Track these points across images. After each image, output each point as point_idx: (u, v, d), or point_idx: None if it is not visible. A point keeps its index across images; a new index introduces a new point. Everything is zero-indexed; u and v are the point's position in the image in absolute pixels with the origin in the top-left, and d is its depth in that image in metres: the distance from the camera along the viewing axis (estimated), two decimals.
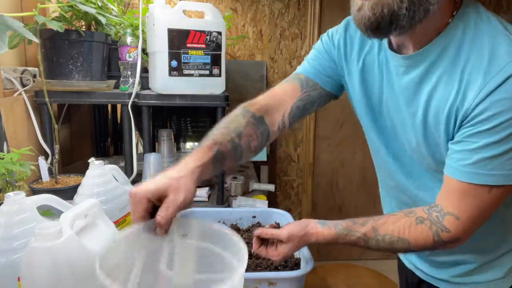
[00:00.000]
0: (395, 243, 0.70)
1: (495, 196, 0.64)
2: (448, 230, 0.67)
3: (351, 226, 0.73)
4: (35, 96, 1.21)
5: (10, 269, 0.57)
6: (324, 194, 2.61)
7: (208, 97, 1.27)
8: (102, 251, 0.48)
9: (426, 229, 0.68)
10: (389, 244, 0.70)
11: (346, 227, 0.73)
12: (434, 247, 0.69)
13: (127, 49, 1.28)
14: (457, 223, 0.66)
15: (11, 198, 0.60)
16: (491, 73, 0.59)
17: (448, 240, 0.67)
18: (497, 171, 0.62)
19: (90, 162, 0.82)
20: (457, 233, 0.67)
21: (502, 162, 0.61)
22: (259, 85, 2.35)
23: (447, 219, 0.67)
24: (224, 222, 1.03)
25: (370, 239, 0.71)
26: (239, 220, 1.04)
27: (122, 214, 0.84)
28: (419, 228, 0.69)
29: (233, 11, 2.32)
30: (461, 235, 0.67)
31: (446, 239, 0.67)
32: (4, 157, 0.82)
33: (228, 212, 1.04)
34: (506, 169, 0.62)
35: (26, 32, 0.84)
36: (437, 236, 0.67)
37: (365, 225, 0.72)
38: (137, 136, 1.62)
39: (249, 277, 0.73)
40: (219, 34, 1.24)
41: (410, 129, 0.72)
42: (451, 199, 0.67)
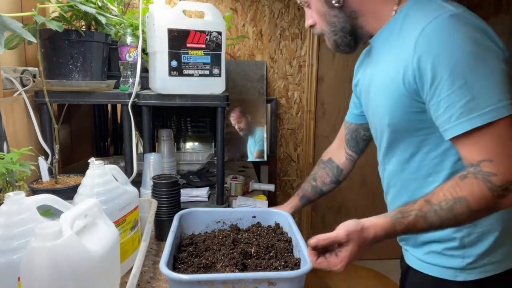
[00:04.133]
0: (455, 207, 0.68)
1: (501, 129, 0.67)
2: (494, 173, 0.67)
3: (403, 208, 0.72)
4: (35, 96, 1.21)
5: (10, 269, 0.57)
6: None
7: (208, 97, 1.27)
8: None
9: (473, 180, 0.68)
10: (449, 211, 0.68)
11: (399, 211, 0.71)
12: (495, 199, 0.67)
13: (127, 49, 1.28)
14: (494, 164, 0.67)
15: (11, 198, 0.60)
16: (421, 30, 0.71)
17: (501, 184, 0.66)
18: (487, 108, 0.67)
19: (90, 162, 0.82)
20: (503, 172, 0.67)
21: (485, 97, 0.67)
22: (259, 85, 2.36)
23: (483, 166, 0.68)
24: (224, 222, 1.03)
25: (428, 213, 0.69)
26: (239, 220, 1.04)
27: (122, 214, 0.84)
28: (467, 182, 0.68)
29: (233, 11, 2.32)
30: (508, 174, 0.67)
31: (499, 183, 0.66)
32: (4, 157, 0.82)
33: (228, 212, 1.04)
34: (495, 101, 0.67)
35: (24, 32, 0.84)
36: (489, 183, 0.67)
37: (416, 203, 0.71)
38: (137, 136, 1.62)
39: (249, 277, 0.73)
40: (219, 34, 1.24)
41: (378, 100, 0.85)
42: (472, 154, 0.69)
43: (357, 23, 0.86)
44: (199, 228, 1.01)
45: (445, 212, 0.68)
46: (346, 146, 1.13)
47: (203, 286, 0.71)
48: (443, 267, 0.84)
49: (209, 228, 1.02)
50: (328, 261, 0.71)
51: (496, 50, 0.71)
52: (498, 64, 0.69)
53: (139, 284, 0.86)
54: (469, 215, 0.68)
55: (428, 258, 0.87)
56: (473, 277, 0.82)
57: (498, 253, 0.82)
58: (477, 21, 0.72)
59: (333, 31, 0.87)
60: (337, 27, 0.86)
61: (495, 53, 0.70)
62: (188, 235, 0.98)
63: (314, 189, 1.16)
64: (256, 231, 0.99)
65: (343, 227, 0.70)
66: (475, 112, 0.67)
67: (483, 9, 2.49)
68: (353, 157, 1.13)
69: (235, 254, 0.84)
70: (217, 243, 0.90)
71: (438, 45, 0.69)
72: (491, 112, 0.67)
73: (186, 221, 0.99)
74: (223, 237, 0.93)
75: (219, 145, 1.30)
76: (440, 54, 0.69)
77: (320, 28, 0.91)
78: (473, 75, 0.68)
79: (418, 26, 0.72)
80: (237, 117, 2.32)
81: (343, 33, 0.86)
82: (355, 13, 0.84)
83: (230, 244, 0.89)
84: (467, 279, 0.82)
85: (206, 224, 1.02)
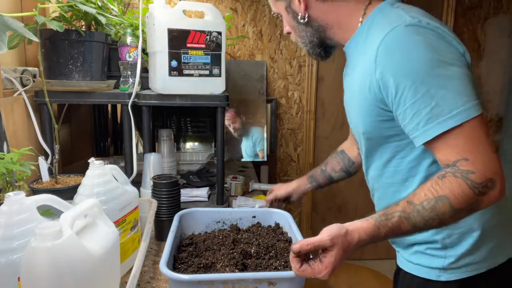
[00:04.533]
0: (437, 206, 0.67)
1: (472, 129, 0.68)
2: (472, 171, 0.67)
3: (386, 211, 0.71)
4: (35, 96, 1.21)
5: (10, 269, 0.57)
6: (324, 194, 2.61)
7: (208, 97, 1.27)
8: None
9: (453, 179, 0.68)
10: (431, 210, 0.68)
11: (383, 213, 0.71)
12: (476, 197, 0.67)
13: (127, 49, 1.28)
14: (470, 162, 0.67)
15: (11, 198, 0.60)
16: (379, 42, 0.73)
17: (481, 181, 0.66)
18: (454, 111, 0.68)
19: (90, 162, 0.82)
20: (481, 170, 0.67)
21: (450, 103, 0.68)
22: (259, 85, 2.36)
23: (460, 165, 0.68)
24: (224, 222, 1.03)
25: (411, 213, 0.69)
26: (239, 220, 1.04)
27: (122, 214, 0.84)
28: (446, 181, 0.68)
29: (233, 11, 2.32)
30: (488, 173, 0.67)
31: (479, 180, 0.66)
32: (4, 157, 0.82)
33: (228, 212, 1.04)
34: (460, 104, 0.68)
35: (26, 32, 0.84)
36: (468, 180, 0.67)
37: (399, 204, 0.71)
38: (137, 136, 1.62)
39: (249, 277, 0.73)
40: (219, 34, 1.24)
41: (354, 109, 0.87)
42: (446, 156, 0.70)
43: (325, 36, 0.90)
44: (199, 228, 1.01)
45: (428, 212, 0.68)
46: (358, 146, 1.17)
47: (203, 286, 0.71)
48: (427, 267, 0.85)
49: (209, 228, 1.02)
50: (312, 268, 0.68)
51: (456, 54, 0.72)
52: (459, 67, 0.70)
53: (139, 284, 0.86)
54: (453, 214, 0.68)
55: (415, 259, 0.87)
56: (455, 277, 0.82)
57: (480, 252, 0.82)
58: (435, 28, 0.73)
59: (303, 43, 0.94)
60: (306, 39, 0.92)
61: (455, 57, 0.71)
62: (188, 235, 0.98)
63: (323, 172, 1.19)
64: (256, 231, 0.99)
65: (326, 232, 0.68)
66: (442, 116, 0.68)
67: (483, 9, 2.49)
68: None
69: (235, 254, 0.84)
70: (217, 243, 0.90)
71: (396, 56, 0.71)
72: (458, 115, 0.68)
73: (186, 221, 0.99)
74: (223, 237, 0.93)
75: (219, 145, 1.30)
76: (400, 65, 0.71)
77: (294, 38, 0.97)
78: (435, 81, 0.69)
79: (377, 37, 0.74)
80: (232, 117, 2.31)
81: (312, 45, 0.92)
82: (322, 27, 0.89)
83: (230, 244, 0.89)
84: (450, 279, 0.82)
85: (206, 224, 1.02)
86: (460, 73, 0.70)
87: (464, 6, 2.47)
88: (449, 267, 0.83)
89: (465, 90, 0.69)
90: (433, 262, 0.84)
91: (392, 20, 0.74)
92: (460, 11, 2.46)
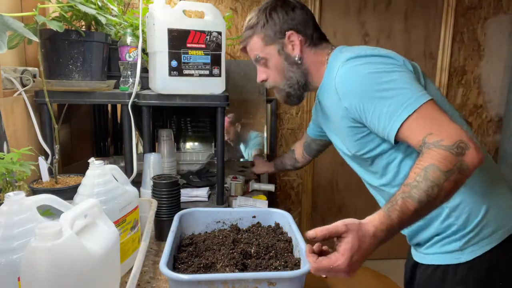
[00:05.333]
0: (428, 175, 0.71)
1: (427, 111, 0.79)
2: (440, 139, 0.74)
3: (390, 200, 0.74)
4: (35, 96, 1.21)
5: (10, 269, 0.57)
6: (324, 194, 2.61)
7: (208, 97, 1.27)
8: None
9: (429, 151, 0.74)
10: (426, 180, 0.71)
11: (387, 203, 0.73)
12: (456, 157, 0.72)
13: (127, 49, 1.28)
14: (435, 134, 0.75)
15: (11, 198, 0.60)
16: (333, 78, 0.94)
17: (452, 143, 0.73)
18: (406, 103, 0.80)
19: (90, 162, 0.82)
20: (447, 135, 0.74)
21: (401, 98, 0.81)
22: (259, 85, 2.35)
23: (428, 139, 0.76)
24: (224, 222, 1.03)
25: (411, 191, 0.71)
26: (239, 220, 1.04)
27: (122, 214, 0.84)
28: (425, 155, 0.74)
29: (233, 11, 2.31)
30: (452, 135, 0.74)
31: (450, 143, 0.73)
32: (4, 157, 0.82)
33: (228, 212, 1.04)
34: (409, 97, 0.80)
35: (26, 31, 0.84)
36: (442, 146, 0.73)
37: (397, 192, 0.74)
38: (137, 136, 1.62)
39: (249, 277, 0.73)
40: (219, 34, 1.24)
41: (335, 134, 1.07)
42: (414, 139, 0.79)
43: (307, 79, 1.06)
44: (199, 228, 1.01)
45: (424, 183, 0.71)
46: (303, 148, 1.52)
47: (203, 286, 0.71)
48: (445, 253, 0.92)
49: (209, 228, 1.02)
50: (329, 258, 0.68)
51: (393, 63, 0.87)
52: (399, 72, 0.85)
53: (139, 284, 0.86)
54: (446, 176, 0.71)
55: (433, 250, 0.95)
56: (474, 255, 0.89)
57: (491, 224, 0.90)
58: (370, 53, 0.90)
59: (289, 84, 1.07)
60: (294, 80, 1.06)
61: (392, 65, 0.86)
62: (188, 235, 0.98)
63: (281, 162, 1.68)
64: (256, 231, 0.99)
65: (340, 221, 0.70)
66: (398, 110, 0.80)
67: (483, 9, 2.49)
68: (306, 157, 1.54)
69: (235, 254, 0.84)
70: (217, 243, 0.91)
71: (348, 84, 0.89)
72: (410, 104, 0.79)
73: (186, 221, 0.99)
74: (223, 237, 0.93)
75: (219, 145, 1.30)
76: (353, 89, 0.88)
77: (273, 82, 1.09)
78: (383, 87, 0.83)
79: (332, 77, 0.94)
80: (226, 127, 2.25)
81: (298, 86, 1.06)
82: (307, 70, 1.05)
83: (230, 244, 0.90)
84: (469, 258, 0.89)
85: (206, 224, 1.02)
86: (401, 75, 0.84)
87: (464, 6, 2.47)
88: (465, 246, 0.90)
89: (409, 85, 0.82)
90: (449, 247, 0.91)
91: (338, 61, 0.93)
92: (460, 11, 2.46)
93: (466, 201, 0.90)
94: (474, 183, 0.89)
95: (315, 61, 1.05)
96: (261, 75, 1.10)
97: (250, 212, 1.05)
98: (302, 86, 1.07)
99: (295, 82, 1.06)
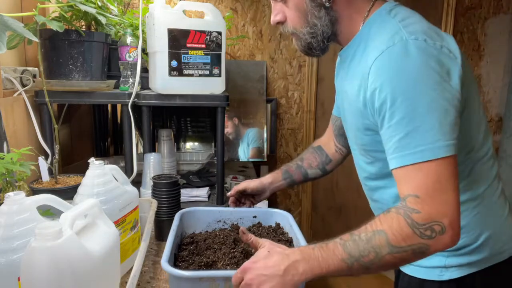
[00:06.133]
0: (373, 238, 0.65)
1: (435, 168, 0.65)
2: (417, 210, 0.64)
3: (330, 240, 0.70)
4: (35, 96, 1.21)
5: (10, 269, 0.57)
6: (324, 194, 2.61)
7: (208, 97, 1.27)
8: None
9: (394, 215, 0.66)
10: (367, 242, 0.65)
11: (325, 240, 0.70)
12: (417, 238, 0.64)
13: (127, 49, 1.28)
14: (419, 201, 0.65)
15: (11, 198, 0.60)
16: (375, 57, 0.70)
17: (423, 222, 0.64)
18: (421, 147, 0.65)
19: (90, 162, 0.82)
20: (427, 212, 0.64)
21: (422, 137, 0.65)
22: (259, 85, 2.35)
23: (408, 201, 0.66)
24: (224, 221, 1.03)
25: (347, 241, 0.67)
26: (240, 220, 1.04)
27: (122, 214, 0.84)
28: (388, 216, 0.67)
29: (233, 11, 2.32)
30: (435, 215, 0.64)
31: (420, 220, 0.64)
32: (4, 157, 0.82)
33: (229, 212, 1.04)
34: (430, 141, 0.65)
35: (26, 32, 0.84)
36: (409, 219, 0.65)
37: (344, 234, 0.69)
38: (137, 136, 1.62)
39: None
40: (219, 34, 1.24)
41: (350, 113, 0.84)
42: (403, 186, 0.68)
43: (335, 29, 0.82)
44: (200, 227, 1.01)
45: (364, 242, 0.65)
46: (335, 140, 1.11)
47: (204, 283, 0.71)
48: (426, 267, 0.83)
49: (210, 227, 1.02)
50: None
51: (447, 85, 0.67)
52: (443, 99, 0.66)
53: (139, 284, 0.86)
54: (390, 250, 0.65)
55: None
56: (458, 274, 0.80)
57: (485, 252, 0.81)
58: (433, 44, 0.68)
59: (311, 34, 0.81)
60: (318, 29, 0.80)
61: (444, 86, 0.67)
62: (189, 234, 0.98)
63: (299, 168, 1.12)
64: (256, 231, 0.99)
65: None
66: (406, 150, 0.66)
67: (483, 9, 2.49)
68: (343, 150, 1.10)
69: (236, 253, 0.84)
70: (218, 242, 0.90)
71: (385, 77, 0.68)
72: (421, 152, 0.65)
73: (187, 220, 0.99)
74: (224, 237, 0.93)
75: (219, 145, 1.30)
76: (385, 86, 0.68)
77: (292, 27, 0.83)
78: (413, 110, 0.66)
79: (373, 52, 0.72)
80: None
81: (322, 37, 0.81)
82: (335, 18, 0.80)
83: (231, 244, 0.89)
84: (452, 277, 0.81)
85: (207, 223, 1.02)
86: (444, 107, 0.66)
87: (464, 6, 2.47)
88: (451, 264, 0.81)
89: (442, 127, 0.65)
90: (433, 261, 0.82)
91: (387, 36, 0.70)
92: (460, 11, 2.46)
93: (469, 226, 0.80)
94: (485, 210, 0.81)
95: (349, 8, 0.80)
96: (276, 15, 0.84)
97: (251, 212, 1.05)
98: (328, 38, 0.82)
99: (320, 32, 0.81)
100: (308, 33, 0.81)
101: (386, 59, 0.68)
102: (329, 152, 1.12)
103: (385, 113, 0.69)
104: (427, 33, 0.70)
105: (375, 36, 0.75)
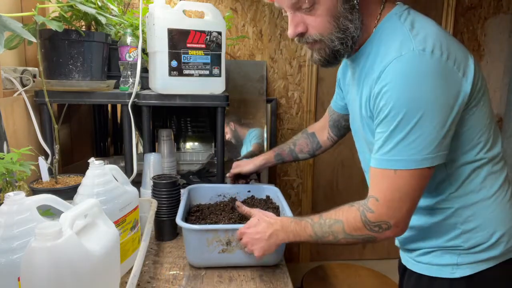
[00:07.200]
0: (333, 226, 0.80)
1: (404, 179, 0.72)
2: (372, 210, 0.76)
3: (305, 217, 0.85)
4: (35, 96, 1.21)
5: (10, 269, 0.57)
6: (324, 194, 2.61)
7: (208, 97, 1.27)
8: None
9: (355, 209, 0.79)
10: (329, 227, 0.80)
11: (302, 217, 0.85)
12: (368, 231, 0.77)
13: (127, 49, 1.28)
14: (377, 204, 0.75)
15: (11, 198, 0.60)
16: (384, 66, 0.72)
17: (374, 221, 0.75)
18: (397, 157, 0.72)
19: (90, 162, 0.82)
20: (380, 213, 0.75)
21: (401, 148, 0.71)
22: (259, 85, 2.35)
23: (370, 201, 0.77)
24: (224, 195, 1.25)
25: (316, 223, 0.82)
26: (237, 194, 1.25)
27: (122, 214, 0.84)
28: (350, 209, 0.80)
29: (233, 11, 2.32)
30: (386, 217, 0.75)
31: (372, 219, 0.76)
32: (4, 157, 0.82)
33: (227, 188, 1.26)
34: (406, 154, 0.71)
35: (24, 32, 0.84)
36: (364, 216, 0.76)
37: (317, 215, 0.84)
38: (137, 136, 1.62)
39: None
40: (219, 34, 1.24)
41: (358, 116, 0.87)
42: (372, 185, 0.78)
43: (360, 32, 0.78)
44: (204, 200, 1.23)
45: (326, 227, 0.81)
46: (329, 129, 1.21)
47: (209, 234, 0.92)
48: (438, 265, 0.84)
49: (212, 200, 1.24)
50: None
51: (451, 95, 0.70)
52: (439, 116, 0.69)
53: (139, 284, 0.86)
54: (344, 236, 0.79)
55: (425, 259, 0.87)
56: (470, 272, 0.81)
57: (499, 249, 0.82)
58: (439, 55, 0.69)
59: (341, 39, 0.76)
60: (348, 33, 0.76)
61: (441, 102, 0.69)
62: (196, 205, 1.20)
63: (291, 152, 1.25)
64: (250, 201, 1.22)
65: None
66: (385, 156, 0.73)
67: (483, 9, 2.49)
68: (334, 139, 1.22)
69: (233, 216, 1.08)
70: (219, 209, 1.14)
71: (388, 88, 0.70)
72: (397, 161, 0.72)
73: (194, 194, 1.22)
74: (223, 206, 1.16)
75: (219, 145, 1.31)
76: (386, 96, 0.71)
77: (317, 34, 0.77)
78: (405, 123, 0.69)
79: (381, 62, 0.73)
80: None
81: (352, 42, 0.77)
82: (361, 18, 0.76)
83: (229, 210, 1.13)
84: (464, 274, 0.82)
85: (209, 196, 1.24)
86: (433, 123, 0.69)
87: (464, 6, 2.47)
88: (463, 262, 0.82)
89: (423, 142, 0.69)
90: (445, 259, 0.83)
91: (396, 46, 0.71)
92: (460, 11, 2.46)
93: (483, 225, 0.81)
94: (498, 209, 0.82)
95: (368, 9, 0.77)
96: (297, 26, 0.79)
97: (246, 187, 1.27)
98: (356, 42, 0.78)
99: (350, 36, 0.76)
100: (337, 38, 0.76)
101: (391, 71, 0.70)
102: (321, 139, 1.23)
103: (380, 121, 0.74)
104: (435, 42, 0.70)
105: (385, 43, 0.75)
